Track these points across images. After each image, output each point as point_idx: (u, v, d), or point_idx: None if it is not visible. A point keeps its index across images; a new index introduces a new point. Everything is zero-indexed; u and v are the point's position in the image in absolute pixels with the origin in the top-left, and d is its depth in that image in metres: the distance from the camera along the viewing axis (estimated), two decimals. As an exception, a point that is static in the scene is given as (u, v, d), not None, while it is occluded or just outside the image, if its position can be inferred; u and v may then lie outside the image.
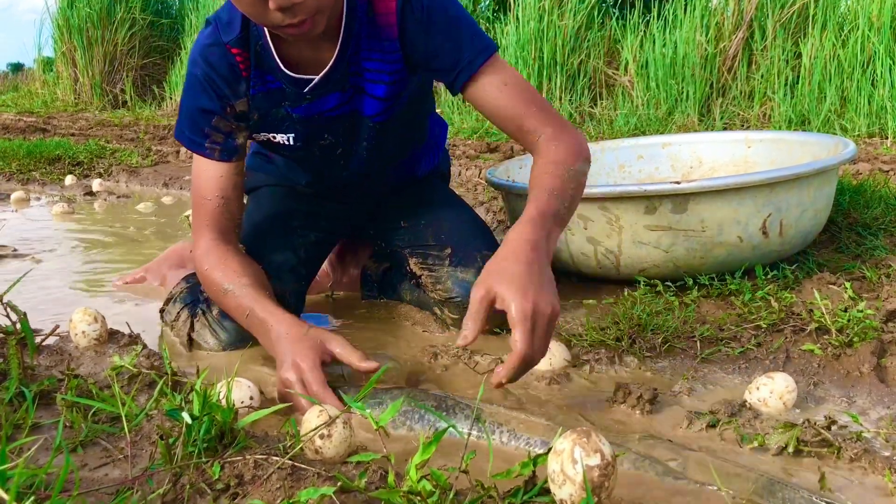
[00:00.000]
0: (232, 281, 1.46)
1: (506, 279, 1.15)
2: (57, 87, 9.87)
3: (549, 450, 0.89)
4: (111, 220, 3.30)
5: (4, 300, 1.26)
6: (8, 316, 1.28)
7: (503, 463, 1.03)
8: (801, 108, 4.35)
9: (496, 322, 1.60)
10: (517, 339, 1.11)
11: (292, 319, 1.38)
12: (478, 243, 1.73)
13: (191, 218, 1.57)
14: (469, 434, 1.13)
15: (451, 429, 1.08)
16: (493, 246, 1.72)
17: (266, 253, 1.66)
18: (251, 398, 1.27)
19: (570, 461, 0.85)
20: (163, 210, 3.56)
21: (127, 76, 9.11)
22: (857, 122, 4.11)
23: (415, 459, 0.89)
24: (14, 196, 3.85)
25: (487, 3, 7.04)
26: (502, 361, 1.51)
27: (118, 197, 3.95)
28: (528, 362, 1.13)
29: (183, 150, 5.05)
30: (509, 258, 1.19)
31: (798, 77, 4.53)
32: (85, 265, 2.46)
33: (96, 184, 4.17)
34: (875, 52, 4.25)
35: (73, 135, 6.27)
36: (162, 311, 1.72)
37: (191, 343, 1.62)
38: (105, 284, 2.22)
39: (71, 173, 4.51)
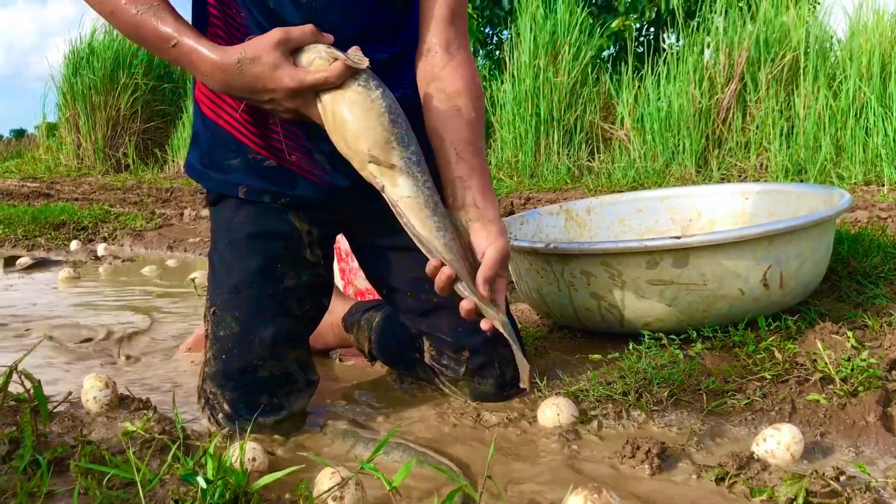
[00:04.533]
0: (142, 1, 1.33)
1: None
2: (60, 152, 9.99)
3: (562, 507, 0.90)
4: (117, 285, 3.32)
5: (19, 369, 1.28)
6: (22, 384, 1.30)
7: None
8: (797, 158, 4.41)
9: None
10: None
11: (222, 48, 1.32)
12: (496, 339, 1.51)
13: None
14: (480, 494, 1.14)
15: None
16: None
17: (255, 327, 1.49)
18: (254, 459, 1.29)
19: (582, 518, 0.86)
20: (168, 273, 3.58)
21: (129, 140, 9.24)
22: (853, 171, 4.16)
23: (429, 520, 0.90)
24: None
25: (483, 61, 7.17)
26: (510, 420, 1.53)
27: (123, 261, 3.98)
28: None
29: (186, 212, 5.10)
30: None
31: (793, 127, 4.60)
32: (91, 328, 2.47)
33: (101, 248, 4.21)
34: (867, 102, 4.32)
35: (76, 199, 6.34)
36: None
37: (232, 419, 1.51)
38: (110, 349, 2.23)
39: (76, 238, 4.56)
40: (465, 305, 1.28)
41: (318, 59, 1.26)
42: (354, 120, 1.25)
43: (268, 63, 1.27)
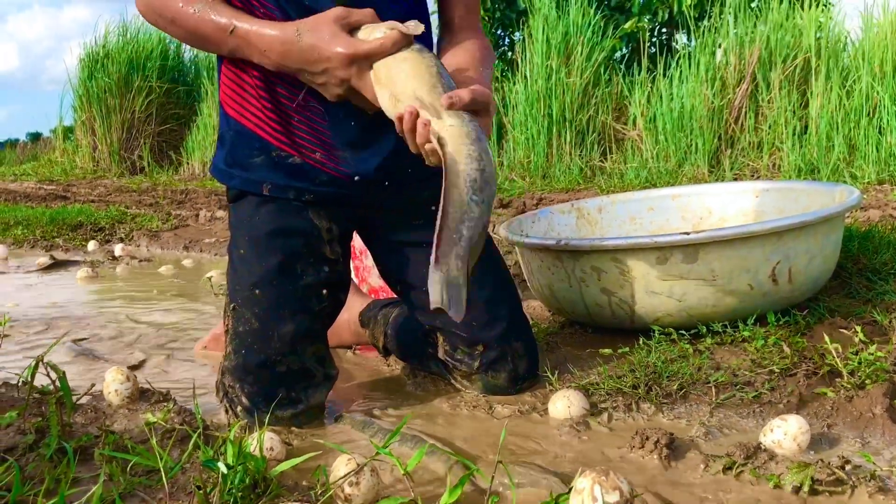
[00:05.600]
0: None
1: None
2: (76, 155, 10.09)
3: (570, 489, 0.92)
4: (134, 284, 3.37)
5: (44, 360, 1.31)
6: (48, 374, 1.34)
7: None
8: (809, 158, 4.41)
9: None
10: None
11: (281, 23, 1.38)
12: (509, 334, 1.64)
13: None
14: (492, 478, 1.17)
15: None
16: (524, 333, 1.68)
17: (274, 323, 1.52)
18: (272, 448, 1.32)
19: (590, 499, 0.89)
20: (183, 272, 3.63)
21: (144, 143, 9.31)
22: (866, 170, 4.16)
23: (441, 502, 0.93)
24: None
25: (496, 63, 7.19)
26: (521, 413, 1.56)
27: (140, 261, 4.03)
28: None
29: (202, 213, 5.15)
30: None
31: (805, 127, 4.60)
32: (111, 326, 2.52)
33: (118, 248, 4.26)
34: (880, 101, 4.32)
35: (92, 201, 6.42)
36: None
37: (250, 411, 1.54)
38: (129, 344, 2.27)
39: (93, 239, 4.62)
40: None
41: (377, 31, 1.32)
42: (404, 72, 1.29)
43: (326, 32, 1.33)
